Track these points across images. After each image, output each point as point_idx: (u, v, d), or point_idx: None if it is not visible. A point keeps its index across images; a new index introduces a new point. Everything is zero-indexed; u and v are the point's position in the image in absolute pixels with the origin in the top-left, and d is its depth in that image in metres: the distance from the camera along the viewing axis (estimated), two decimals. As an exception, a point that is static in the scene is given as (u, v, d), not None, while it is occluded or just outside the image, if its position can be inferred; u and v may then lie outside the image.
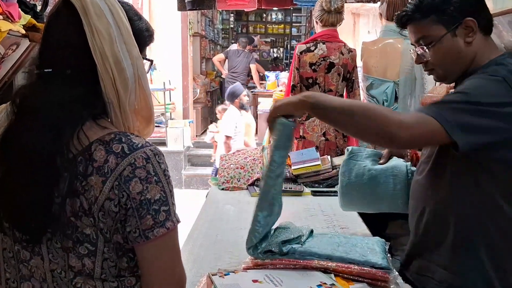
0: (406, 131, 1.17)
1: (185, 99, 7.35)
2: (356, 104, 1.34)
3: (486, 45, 1.33)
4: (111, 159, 0.88)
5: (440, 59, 1.33)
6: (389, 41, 3.03)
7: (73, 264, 0.91)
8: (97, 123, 0.93)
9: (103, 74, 0.92)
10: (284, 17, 14.04)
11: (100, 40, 0.91)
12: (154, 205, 0.89)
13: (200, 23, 8.84)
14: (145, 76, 1.00)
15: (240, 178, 2.37)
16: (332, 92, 3.02)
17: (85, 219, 0.89)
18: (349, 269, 1.27)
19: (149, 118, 1.05)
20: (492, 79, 1.22)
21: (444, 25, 1.30)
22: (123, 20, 0.95)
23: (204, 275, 1.28)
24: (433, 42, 1.31)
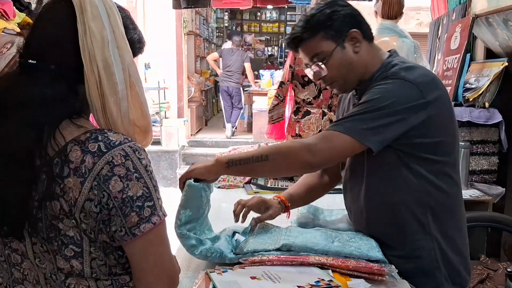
0: (317, 155, 1.31)
1: (180, 98, 7.34)
2: (268, 148, 1.44)
3: (372, 50, 1.44)
4: (87, 159, 0.86)
5: (336, 72, 1.40)
6: (385, 39, 3.05)
7: (61, 266, 0.90)
8: (73, 122, 0.91)
9: (88, 75, 0.89)
10: (279, 15, 14.06)
11: (91, 40, 0.89)
12: (137, 202, 0.87)
13: (194, 21, 8.83)
14: (140, 84, 0.98)
15: (236, 176, 2.37)
16: (327, 90, 3.02)
17: (67, 221, 0.87)
18: (345, 264, 1.28)
19: (146, 128, 1.01)
20: (388, 83, 1.33)
21: (332, 40, 1.38)
22: (118, 25, 0.94)
23: (202, 273, 1.28)
24: (326, 58, 1.39)
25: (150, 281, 0.92)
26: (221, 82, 8.11)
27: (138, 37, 1.03)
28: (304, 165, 1.35)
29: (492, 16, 2.36)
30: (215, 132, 8.33)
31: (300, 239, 1.38)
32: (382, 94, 1.31)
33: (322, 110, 3.06)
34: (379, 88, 1.33)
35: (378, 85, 1.34)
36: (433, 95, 1.31)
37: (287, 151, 1.36)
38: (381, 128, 1.29)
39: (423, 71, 1.37)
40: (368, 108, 1.31)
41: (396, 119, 1.29)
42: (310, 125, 3.05)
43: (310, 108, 3.07)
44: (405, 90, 1.30)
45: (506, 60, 2.40)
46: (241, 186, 2.34)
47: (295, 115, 3.11)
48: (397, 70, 1.34)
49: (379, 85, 1.33)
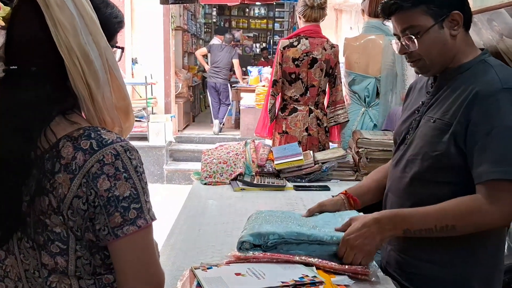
0: (500, 217, 1.23)
1: (167, 94, 7.30)
2: (448, 213, 1.27)
3: (467, 41, 1.37)
4: (78, 156, 0.85)
5: (426, 50, 1.34)
6: (371, 37, 3.07)
7: (45, 262, 0.90)
8: (66, 118, 0.90)
9: (71, 68, 0.88)
10: (267, 12, 14.06)
11: (64, 33, 0.87)
12: (123, 202, 0.86)
13: (182, 17, 8.78)
14: (117, 66, 0.96)
15: (222, 173, 2.37)
16: (314, 87, 3.04)
17: (54, 217, 0.87)
18: (330, 265, 1.29)
19: (127, 109, 1.00)
20: (508, 97, 1.24)
21: (432, 16, 1.31)
22: (87, 9, 0.91)
23: (186, 269, 1.28)
24: (421, 32, 1.32)
25: (131, 286, 0.89)
26: (208, 78, 8.09)
27: (114, 13, 1.00)
28: (489, 228, 1.27)
29: (477, 16, 2.38)
30: (203, 128, 8.30)
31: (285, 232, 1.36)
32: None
33: (309, 107, 3.07)
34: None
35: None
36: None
37: (475, 218, 1.25)
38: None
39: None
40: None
41: None
42: (297, 122, 3.06)
43: (297, 105, 3.08)
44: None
45: (490, 59, 2.43)
46: (228, 182, 2.34)
47: (282, 112, 3.12)
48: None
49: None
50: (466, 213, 1.25)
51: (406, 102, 1.62)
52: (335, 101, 3.12)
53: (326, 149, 3.04)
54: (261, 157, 2.46)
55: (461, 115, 1.28)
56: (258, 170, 2.41)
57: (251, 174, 2.37)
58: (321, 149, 3.02)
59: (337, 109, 3.11)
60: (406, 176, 1.42)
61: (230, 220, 1.81)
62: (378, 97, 3.10)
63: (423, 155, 1.36)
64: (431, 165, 1.35)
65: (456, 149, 1.30)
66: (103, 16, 0.95)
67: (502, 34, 2.29)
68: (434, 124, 1.35)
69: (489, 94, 1.26)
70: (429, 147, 1.35)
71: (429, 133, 1.36)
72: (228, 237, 1.64)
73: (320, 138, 3.09)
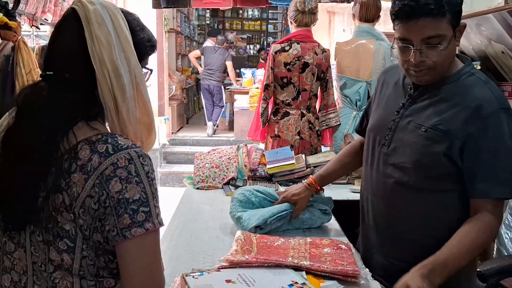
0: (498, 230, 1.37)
1: (161, 96, 7.30)
2: (467, 247, 1.30)
3: (455, 51, 1.40)
4: (94, 158, 0.91)
5: (443, 60, 1.31)
6: (362, 41, 3.09)
7: (53, 258, 0.94)
8: (88, 124, 0.97)
9: (100, 79, 0.96)
10: (261, 13, 14.06)
11: (99, 47, 0.96)
12: (132, 205, 0.91)
13: (175, 19, 8.78)
14: (144, 84, 1.05)
15: (215, 177, 2.39)
16: (306, 91, 3.06)
17: (66, 214, 0.91)
18: (321, 268, 1.32)
19: (150, 125, 1.08)
20: (506, 118, 1.31)
21: (452, 27, 1.28)
22: (123, 29, 1.00)
23: (178, 275, 1.29)
24: (444, 43, 1.28)
25: (135, 287, 0.93)
26: (202, 80, 8.09)
27: (148, 37, 1.09)
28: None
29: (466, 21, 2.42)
30: (196, 131, 8.30)
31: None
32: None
33: (301, 111, 3.09)
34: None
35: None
36: None
37: (491, 239, 1.39)
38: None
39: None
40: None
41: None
42: (289, 126, 3.08)
43: (289, 109, 3.10)
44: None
45: (479, 63, 2.46)
46: (220, 187, 2.35)
47: (274, 116, 3.14)
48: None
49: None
50: (487, 241, 1.35)
51: (377, 93, 1.60)
52: (326, 105, 3.14)
53: (318, 152, 3.06)
54: (254, 161, 2.48)
55: (459, 128, 1.31)
56: (250, 174, 2.43)
57: (243, 179, 2.39)
58: (313, 152, 3.04)
59: (328, 112, 3.13)
60: (391, 181, 1.44)
61: (222, 225, 1.83)
62: (369, 101, 3.12)
63: (415, 163, 1.38)
64: (423, 174, 1.38)
65: (448, 159, 1.33)
66: (137, 38, 1.05)
67: (490, 39, 2.32)
68: (426, 133, 1.36)
69: (490, 113, 1.30)
70: (421, 155, 1.37)
71: (420, 142, 1.37)
72: (220, 242, 1.65)
73: (312, 142, 3.11)
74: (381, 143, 1.48)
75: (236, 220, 1.73)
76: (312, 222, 1.79)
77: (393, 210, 1.46)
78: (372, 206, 1.53)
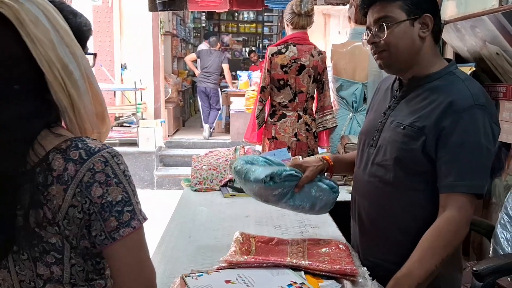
0: (468, 226, 1.32)
1: (157, 99, 7.30)
2: (437, 248, 1.30)
3: (435, 51, 1.45)
4: (70, 167, 0.88)
5: (394, 41, 1.40)
6: (358, 44, 3.11)
7: (41, 273, 0.92)
8: (51, 131, 0.93)
9: (52, 81, 0.90)
10: (256, 16, 14.10)
11: (43, 47, 0.88)
12: (116, 207, 0.89)
13: (171, 22, 8.79)
14: (92, 73, 0.99)
15: (212, 179, 2.39)
16: (303, 93, 3.07)
17: (50, 228, 0.89)
18: (319, 268, 1.33)
19: (103, 114, 1.02)
20: (480, 114, 1.32)
21: (406, 12, 1.39)
22: (59, 22, 0.93)
23: (177, 277, 1.30)
24: (392, 24, 1.39)
25: (129, 286, 0.93)
26: (198, 82, 8.10)
27: (83, 22, 1.03)
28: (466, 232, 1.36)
29: (461, 23, 2.44)
30: (193, 133, 8.30)
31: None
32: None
33: (298, 113, 3.11)
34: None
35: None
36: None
37: (459, 236, 1.32)
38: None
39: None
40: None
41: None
42: (286, 128, 3.09)
43: (285, 111, 3.11)
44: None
45: (473, 65, 2.47)
46: (218, 189, 2.36)
47: (271, 118, 3.15)
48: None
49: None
50: (452, 239, 1.31)
51: (372, 101, 1.67)
52: (323, 106, 3.16)
53: (315, 154, 3.07)
54: (251, 163, 2.49)
55: (433, 124, 1.34)
56: (247, 176, 2.43)
57: (240, 180, 2.39)
58: (310, 154, 3.06)
59: (325, 114, 3.15)
60: (376, 180, 1.47)
61: (220, 226, 1.83)
62: (366, 103, 3.14)
63: (394, 160, 1.41)
64: (402, 171, 1.41)
65: (425, 156, 1.36)
66: (73, 26, 0.98)
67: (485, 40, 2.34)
68: (404, 131, 1.40)
69: (463, 109, 1.32)
70: (400, 153, 1.40)
71: (399, 139, 1.41)
72: (218, 243, 1.66)
73: (309, 143, 3.12)
74: (369, 144, 1.53)
75: (245, 172, 1.55)
76: (316, 200, 1.60)
77: (377, 209, 1.49)
78: (359, 206, 1.56)
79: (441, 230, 1.30)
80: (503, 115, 2.30)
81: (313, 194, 1.60)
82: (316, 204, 1.61)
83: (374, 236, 1.51)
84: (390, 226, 1.46)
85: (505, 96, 2.29)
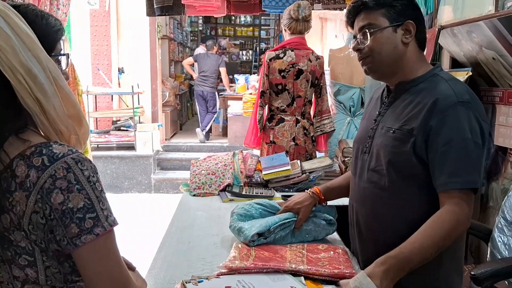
0: (468, 222, 1.34)
1: (154, 103, 7.31)
2: (436, 239, 1.31)
3: (420, 56, 1.50)
4: (32, 173, 0.88)
5: (377, 47, 1.45)
6: (355, 48, 3.12)
7: (16, 274, 0.93)
8: (18, 137, 0.93)
9: (17, 86, 0.90)
10: (253, 20, 14.11)
11: (4, 54, 0.89)
12: (77, 214, 0.89)
13: (168, 25, 8.80)
14: (61, 76, 0.98)
15: (211, 184, 2.40)
16: (301, 97, 3.09)
17: (17, 232, 0.90)
18: (319, 272, 1.34)
19: (78, 116, 1.01)
20: (464, 111, 1.35)
21: (388, 19, 1.45)
22: (21, 27, 0.92)
23: (178, 283, 1.30)
24: (376, 30, 1.45)
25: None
26: (196, 86, 8.10)
27: (51, 24, 1.02)
28: (466, 228, 1.38)
29: (457, 28, 2.46)
30: (190, 137, 8.30)
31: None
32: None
33: (296, 117, 3.12)
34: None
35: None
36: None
37: (458, 230, 1.33)
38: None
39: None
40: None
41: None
42: (284, 132, 3.11)
43: (284, 115, 3.12)
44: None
45: (470, 69, 2.49)
46: (216, 193, 2.36)
47: (269, 122, 3.16)
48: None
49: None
50: (451, 230, 1.31)
51: (365, 110, 1.72)
52: (321, 111, 3.17)
53: (313, 158, 3.09)
54: (249, 167, 2.50)
55: (420, 124, 1.37)
56: (246, 180, 2.44)
57: (239, 185, 2.40)
58: (308, 158, 3.07)
59: (323, 118, 3.16)
60: (371, 186, 1.49)
61: (219, 231, 1.84)
62: (363, 107, 3.16)
63: (388, 165, 1.43)
64: (396, 175, 1.42)
65: (417, 158, 1.38)
66: (39, 28, 0.97)
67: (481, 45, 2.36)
68: (394, 135, 1.42)
69: (447, 107, 1.35)
70: (392, 156, 1.42)
71: (390, 143, 1.43)
72: (218, 249, 1.66)
73: (307, 148, 3.13)
74: (363, 151, 1.55)
75: (237, 231, 1.65)
76: (317, 233, 1.71)
77: (372, 215, 1.50)
78: (357, 213, 1.58)
79: (443, 221, 1.30)
80: (499, 119, 2.32)
81: (312, 230, 1.71)
82: (318, 236, 1.72)
83: (372, 242, 1.52)
84: (387, 231, 1.46)
85: (501, 100, 2.31)
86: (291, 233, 1.68)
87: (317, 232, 1.71)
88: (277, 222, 1.64)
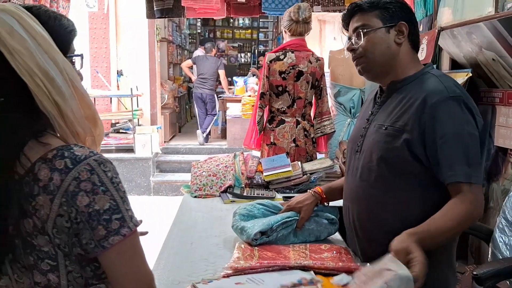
0: (481, 210, 1.36)
1: (153, 105, 7.31)
2: (454, 226, 1.33)
3: (413, 57, 1.53)
4: (55, 177, 0.88)
5: (371, 47, 1.48)
6: (355, 50, 3.13)
7: (38, 281, 0.92)
8: (38, 141, 0.92)
9: (35, 90, 0.90)
10: (251, 22, 14.13)
11: (21, 57, 0.88)
12: (104, 215, 0.89)
13: (167, 28, 8.81)
14: (77, 77, 0.99)
15: (212, 186, 2.40)
16: (301, 99, 3.09)
17: (41, 237, 0.89)
18: (324, 265, 1.37)
19: (94, 117, 1.01)
20: (456, 105, 1.37)
21: (382, 21, 1.49)
22: (36, 29, 0.92)
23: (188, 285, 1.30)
24: (369, 31, 1.48)
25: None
26: (195, 88, 8.10)
27: (64, 25, 1.01)
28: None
29: (457, 29, 2.47)
30: (189, 139, 8.29)
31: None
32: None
33: (296, 119, 3.12)
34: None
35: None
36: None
37: (465, 224, 1.35)
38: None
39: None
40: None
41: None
42: (285, 134, 3.11)
43: (284, 117, 3.13)
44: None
45: (470, 71, 2.50)
46: (217, 195, 2.36)
47: (270, 124, 3.17)
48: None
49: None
50: (466, 219, 1.34)
51: (360, 112, 1.75)
52: (321, 112, 3.18)
53: (313, 159, 3.09)
54: (250, 169, 2.50)
55: (413, 121, 1.39)
56: (247, 182, 2.44)
57: (240, 186, 2.40)
58: (309, 159, 3.07)
59: (323, 120, 3.17)
60: (364, 184, 1.50)
61: (221, 233, 1.84)
62: (363, 108, 3.17)
63: (380, 160, 1.45)
64: (388, 171, 1.44)
65: (411, 155, 1.39)
66: (52, 30, 0.97)
67: (481, 46, 2.37)
68: (386, 131, 1.44)
69: (438, 102, 1.37)
70: (384, 152, 1.44)
71: (382, 140, 1.45)
72: (220, 250, 1.67)
73: (308, 149, 3.14)
74: (356, 150, 1.57)
75: (240, 231, 1.65)
76: (319, 233, 1.72)
77: (365, 213, 1.52)
78: (349, 212, 1.59)
79: (466, 205, 1.32)
80: (499, 120, 2.33)
81: (314, 229, 1.72)
82: (320, 236, 1.73)
83: (369, 240, 1.53)
84: (381, 230, 1.47)
85: (501, 101, 2.31)
86: (293, 233, 1.69)
87: (319, 232, 1.72)
88: (279, 220, 1.65)
